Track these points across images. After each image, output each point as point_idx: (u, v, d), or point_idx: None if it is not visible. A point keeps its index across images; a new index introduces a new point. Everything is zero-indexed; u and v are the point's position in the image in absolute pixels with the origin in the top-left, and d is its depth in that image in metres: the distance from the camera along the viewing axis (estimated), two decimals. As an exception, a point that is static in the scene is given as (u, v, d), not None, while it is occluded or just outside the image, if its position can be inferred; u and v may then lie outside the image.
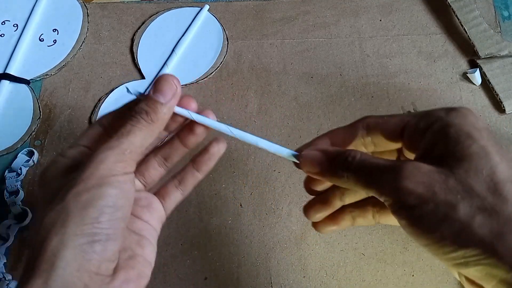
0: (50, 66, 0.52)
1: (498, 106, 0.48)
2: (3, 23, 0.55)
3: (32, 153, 0.48)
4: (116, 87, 0.51)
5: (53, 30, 0.55)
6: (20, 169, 0.46)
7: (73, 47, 0.53)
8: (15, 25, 0.55)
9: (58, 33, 0.54)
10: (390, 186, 0.23)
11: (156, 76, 0.51)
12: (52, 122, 0.50)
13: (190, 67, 0.52)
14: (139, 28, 0.54)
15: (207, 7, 0.54)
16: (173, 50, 0.52)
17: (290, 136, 0.48)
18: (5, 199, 0.46)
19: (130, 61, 0.53)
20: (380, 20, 0.53)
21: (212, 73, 0.51)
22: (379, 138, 0.28)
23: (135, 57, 0.52)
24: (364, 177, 0.25)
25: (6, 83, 0.51)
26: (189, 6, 0.55)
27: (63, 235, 0.23)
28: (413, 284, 0.41)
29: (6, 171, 0.47)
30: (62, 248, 0.23)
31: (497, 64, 0.49)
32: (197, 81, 0.51)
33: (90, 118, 0.50)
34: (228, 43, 0.53)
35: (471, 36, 0.50)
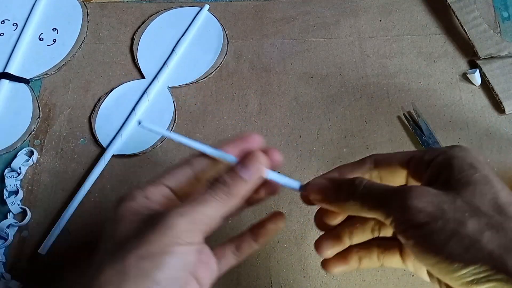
0: (49, 65, 0.52)
1: (498, 106, 0.48)
2: (2, 22, 0.55)
3: (31, 153, 0.48)
4: (116, 87, 0.51)
5: (52, 29, 0.54)
6: (20, 168, 0.46)
7: (72, 47, 0.53)
8: (14, 24, 0.55)
9: (58, 33, 0.54)
10: (398, 206, 0.24)
11: (156, 76, 0.51)
12: (51, 122, 0.50)
13: (190, 67, 0.52)
14: (139, 28, 0.54)
15: (207, 7, 0.54)
16: (173, 50, 0.52)
17: (290, 136, 0.48)
18: (5, 198, 0.45)
19: (130, 60, 0.53)
20: (380, 20, 0.53)
21: (212, 73, 0.51)
22: (386, 172, 0.29)
23: (135, 56, 0.52)
24: (371, 199, 0.26)
25: (5, 82, 0.51)
26: (189, 6, 0.55)
27: None
28: (413, 284, 0.41)
29: (6, 170, 0.47)
30: None
31: (497, 64, 0.49)
32: (197, 81, 0.51)
33: (90, 117, 0.50)
34: (228, 43, 0.53)
35: (471, 37, 0.50)
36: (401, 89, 0.50)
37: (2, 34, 0.54)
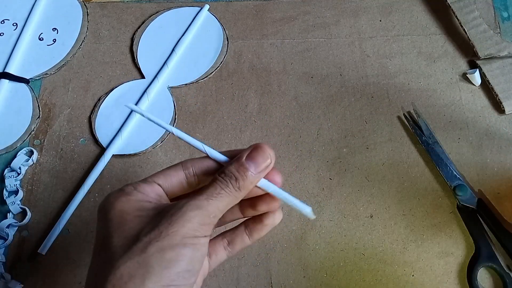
0: (49, 65, 0.52)
1: (498, 106, 0.48)
2: (2, 22, 0.55)
3: (31, 153, 0.48)
4: (116, 87, 0.51)
5: (52, 29, 0.54)
6: (20, 168, 0.46)
7: (72, 46, 0.53)
8: (14, 24, 0.55)
9: (57, 32, 0.54)
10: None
11: (156, 76, 0.51)
12: (51, 122, 0.50)
13: (190, 67, 0.52)
14: (139, 28, 0.54)
15: (207, 6, 0.54)
16: (173, 50, 0.52)
17: (290, 136, 0.48)
18: (4, 198, 0.45)
19: (130, 60, 0.53)
20: (380, 21, 0.53)
21: (212, 73, 0.51)
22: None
23: (135, 56, 0.52)
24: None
25: (5, 82, 0.51)
26: (189, 6, 0.55)
27: None
28: (413, 284, 0.41)
29: (6, 170, 0.47)
30: None
31: (496, 64, 0.49)
32: (197, 81, 0.51)
33: (89, 117, 0.50)
34: (228, 43, 0.53)
35: (471, 37, 0.50)
36: (401, 89, 0.50)
37: (2, 34, 0.54)
